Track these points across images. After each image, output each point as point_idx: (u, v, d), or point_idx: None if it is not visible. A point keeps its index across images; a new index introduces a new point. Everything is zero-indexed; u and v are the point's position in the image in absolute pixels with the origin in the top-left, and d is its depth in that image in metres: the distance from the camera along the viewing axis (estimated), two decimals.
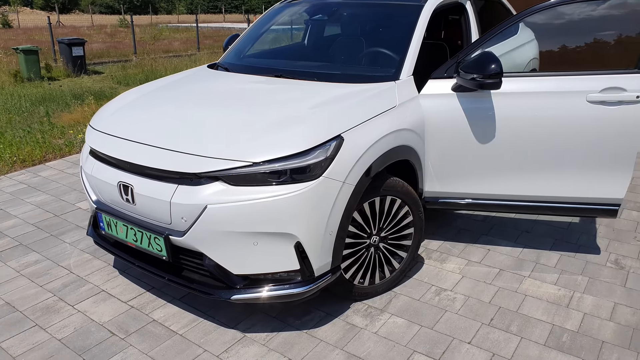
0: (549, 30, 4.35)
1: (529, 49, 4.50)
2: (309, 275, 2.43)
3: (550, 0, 2.90)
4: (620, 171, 2.87)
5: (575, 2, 2.86)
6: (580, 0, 2.86)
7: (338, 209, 2.42)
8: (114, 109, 3.01)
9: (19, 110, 7.98)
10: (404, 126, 2.78)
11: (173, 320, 2.73)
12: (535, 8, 2.93)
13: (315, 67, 3.36)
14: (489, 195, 3.12)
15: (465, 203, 3.18)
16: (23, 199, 4.35)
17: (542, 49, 4.36)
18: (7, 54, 14.58)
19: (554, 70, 2.93)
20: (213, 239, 2.34)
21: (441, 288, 2.99)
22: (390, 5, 3.52)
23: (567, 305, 2.81)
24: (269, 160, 2.28)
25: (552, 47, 4.24)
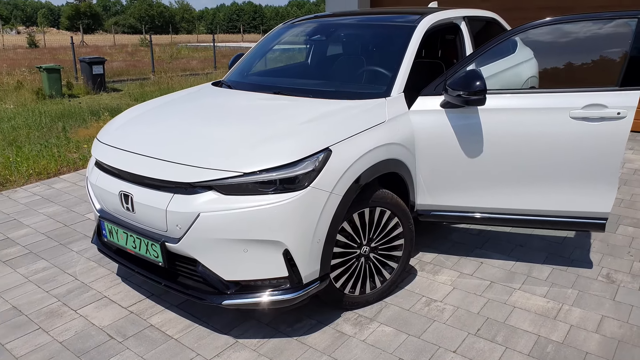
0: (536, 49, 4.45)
1: (528, 67, 4.58)
2: (297, 282, 2.53)
3: (533, 22, 3.00)
4: (605, 185, 2.93)
5: (557, 23, 2.96)
6: (562, 21, 2.96)
7: (325, 218, 2.52)
8: (119, 123, 3.17)
9: (39, 125, 8.27)
10: (393, 140, 2.89)
11: (169, 326, 2.84)
12: (517, 29, 3.04)
13: (312, 85, 3.50)
14: (478, 209, 3.19)
15: (456, 216, 3.26)
16: (36, 210, 4.54)
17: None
18: (32, 72, 15.09)
19: (540, 86, 3.02)
20: (205, 246, 2.45)
21: (431, 299, 3.06)
22: (385, 26, 3.66)
23: (555, 317, 2.86)
24: (259, 171, 2.40)
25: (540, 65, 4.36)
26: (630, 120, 2.78)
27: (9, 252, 3.73)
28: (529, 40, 3.94)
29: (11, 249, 3.79)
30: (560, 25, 3.01)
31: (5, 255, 3.69)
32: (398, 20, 3.69)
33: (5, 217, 4.38)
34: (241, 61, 4.15)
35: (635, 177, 5.23)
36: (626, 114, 2.79)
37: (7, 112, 9.69)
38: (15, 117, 9.12)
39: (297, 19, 4.34)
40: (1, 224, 4.23)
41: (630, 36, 2.80)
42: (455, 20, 3.89)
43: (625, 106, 2.79)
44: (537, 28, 3.01)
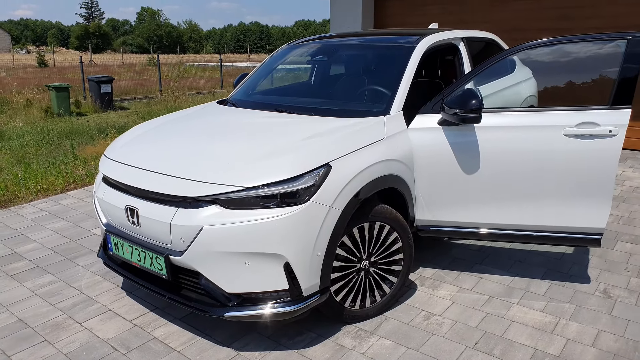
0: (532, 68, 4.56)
1: (526, 86, 4.68)
2: (297, 295, 2.59)
3: (528, 42, 3.10)
4: (599, 201, 2.98)
5: (551, 44, 3.05)
6: (556, 42, 3.05)
7: (325, 232, 2.58)
8: (125, 140, 3.27)
9: (47, 143, 8.41)
10: (392, 157, 2.97)
11: (172, 338, 2.89)
12: (512, 50, 3.14)
13: (314, 103, 3.59)
14: (475, 224, 3.25)
15: (454, 231, 3.31)
16: (43, 225, 4.62)
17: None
18: (41, 91, 15.34)
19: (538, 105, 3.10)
20: (208, 259, 2.52)
21: (430, 313, 3.10)
22: (385, 47, 3.77)
23: (552, 331, 2.89)
24: (260, 185, 2.48)
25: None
26: (622, 137, 2.85)
27: (16, 267, 3.80)
28: (525, 60, 4.04)
29: (18, 263, 3.86)
30: (553, 46, 3.10)
31: (12, 269, 3.76)
32: (398, 41, 3.79)
33: (12, 232, 4.47)
34: (246, 80, 4.26)
35: (634, 194, 5.28)
36: (617, 131, 2.86)
37: (16, 129, 9.86)
38: (24, 134, 9.28)
39: (301, 40, 4.46)
40: (9, 239, 4.32)
41: (621, 57, 2.88)
42: (453, 41, 3.99)
43: (616, 124, 2.86)
44: (533, 49, 3.10)
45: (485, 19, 8.34)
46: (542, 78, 4.29)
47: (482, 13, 8.41)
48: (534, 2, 7.90)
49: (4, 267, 3.80)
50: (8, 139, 8.83)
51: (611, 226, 4.41)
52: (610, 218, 4.62)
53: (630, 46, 2.87)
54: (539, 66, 4.13)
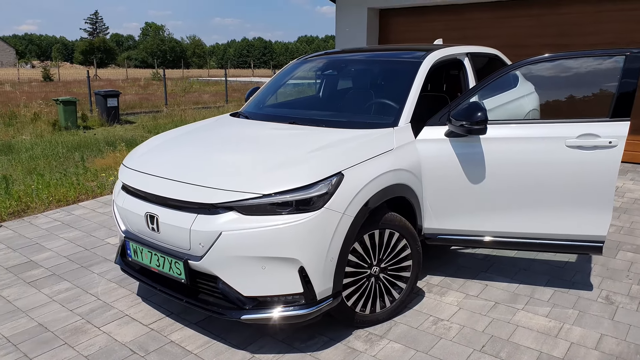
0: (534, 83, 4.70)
1: (529, 101, 4.81)
2: (311, 299, 2.69)
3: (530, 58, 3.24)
4: (600, 210, 3.10)
5: (552, 60, 3.19)
6: (558, 58, 3.19)
7: (338, 238, 2.70)
8: (144, 150, 3.40)
9: (56, 156, 8.56)
10: (400, 166, 3.09)
11: (189, 342, 2.99)
12: (514, 65, 3.28)
13: (325, 116, 3.73)
14: (481, 233, 3.36)
15: (461, 239, 3.42)
16: (57, 235, 4.74)
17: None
18: (48, 104, 15.55)
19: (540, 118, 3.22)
20: (226, 263, 2.63)
21: (438, 318, 3.20)
22: (393, 62, 3.91)
23: (556, 335, 2.99)
24: (276, 193, 2.60)
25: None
26: (621, 148, 2.97)
27: (33, 274, 3.91)
28: (527, 75, 4.18)
29: (35, 270, 3.97)
30: (555, 62, 3.24)
31: (29, 276, 3.87)
32: (405, 56, 3.94)
33: (28, 242, 4.58)
34: (257, 94, 4.40)
35: (635, 206, 5.39)
36: (617, 142, 2.98)
37: (25, 142, 10.02)
38: (33, 147, 9.43)
39: (310, 55, 4.61)
40: (24, 248, 4.43)
41: (619, 72, 3.02)
42: (458, 56, 4.13)
43: (615, 136, 2.99)
44: (535, 64, 3.24)
45: (488, 34, 8.52)
46: (545, 92, 4.43)
47: (485, 29, 8.60)
48: (535, 18, 8.09)
49: (22, 274, 3.91)
50: (17, 152, 8.98)
51: (613, 236, 4.52)
52: (612, 228, 4.72)
53: (628, 62, 3.00)
54: (541, 81, 4.27)
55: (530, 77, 4.64)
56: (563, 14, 7.81)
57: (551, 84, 3.83)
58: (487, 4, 8.52)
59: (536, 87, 4.53)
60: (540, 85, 4.42)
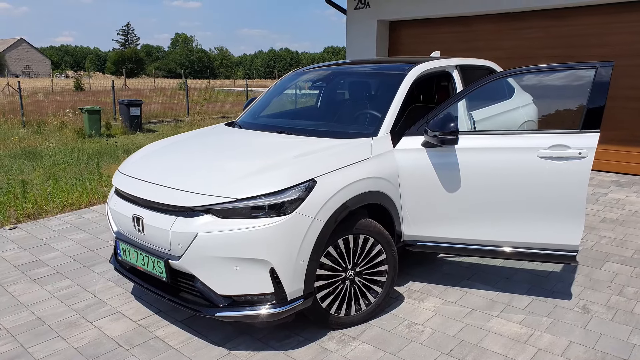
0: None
1: (524, 112, 4.89)
2: (282, 298, 2.83)
3: (506, 70, 3.34)
4: (572, 219, 3.16)
5: (527, 72, 3.29)
6: (532, 71, 3.29)
7: (309, 241, 2.84)
8: (137, 157, 3.62)
9: (77, 162, 8.92)
10: (377, 175, 3.22)
11: (172, 338, 3.16)
12: (490, 78, 3.38)
13: (310, 125, 3.89)
14: (458, 240, 3.45)
15: (439, 246, 3.52)
16: (66, 236, 5.00)
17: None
18: (75, 113, 16.12)
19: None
20: (202, 263, 2.80)
21: (413, 322, 3.30)
22: (379, 74, 4.06)
23: (525, 341, 3.05)
24: (249, 197, 2.76)
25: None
26: (591, 159, 3.04)
27: (39, 272, 4.15)
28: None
29: (41, 269, 4.21)
30: (527, 75, 3.33)
31: (35, 274, 4.11)
32: (391, 69, 4.08)
33: (38, 242, 4.85)
34: (253, 104, 4.59)
35: (633, 218, 5.37)
36: (587, 154, 3.06)
37: (50, 149, 10.45)
38: (57, 154, 9.84)
39: (306, 67, 4.78)
40: (34, 248, 4.69)
41: (589, 84, 3.09)
42: (447, 68, 4.24)
43: (585, 147, 3.06)
44: (510, 77, 3.34)
45: (497, 46, 8.58)
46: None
47: (493, 41, 8.66)
48: (543, 30, 8.11)
49: (28, 272, 4.15)
50: (41, 158, 9.39)
51: (603, 247, 4.53)
52: (604, 240, 4.73)
53: (598, 75, 3.08)
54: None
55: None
56: (571, 26, 7.82)
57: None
58: (495, 15, 8.58)
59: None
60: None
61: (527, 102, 5.01)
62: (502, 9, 8.25)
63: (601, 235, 4.86)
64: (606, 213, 5.59)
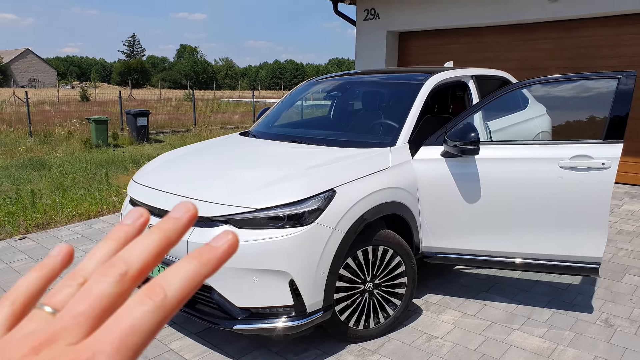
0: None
1: (539, 122, 4.84)
2: (301, 311, 2.78)
3: (526, 80, 3.30)
4: (595, 231, 3.10)
5: (550, 82, 3.25)
6: (555, 80, 3.25)
7: (329, 252, 2.79)
8: (151, 167, 3.58)
9: (84, 172, 8.90)
10: (395, 185, 3.17)
11: (187, 351, 3.10)
12: (509, 88, 3.34)
13: (327, 135, 3.85)
14: (477, 252, 3.39)
15: (458, 258, 3.46)
16: (76, 247, 4.95)
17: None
18: (81, 123, 16.16)
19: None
20: (220, 274, 2.74)
21: (432, 336, 3.23)
22: (396, 84, 4.02)
23: (549, 356, 2.98)
24: (268, 208, 2.72)
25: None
26: (615, 170, 2.99)
27: None
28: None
29: None
30: (550, 85, 3.29)
31: None
32: (407, 79, 4.05)
33: (46, 252, 4.80)
34: (267, 114, 4.57)
35: None
36: (610, 164, 3.00)
37: (57, 159, 10.45)
38: (64, 164, 9.83)
39: (320, 77, 4.76)
40: (42, 258, 4.64)
41: (612, 94, 3.05)
42: (463, 78, 4.21)
43: (609, 157, 3.01)
44: (530, 86, 3.30)
45: (507, 57, 8.56)
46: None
47: (503, 52, 8.64)
48: (554, 41, 8.09)
49: None
50: (49, 168, 9.38)
51: (622, 260, 4.46)
52: (622, 252, 4.66)
53: (621, 85, 3.04)
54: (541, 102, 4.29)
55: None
56: (581, 37, 7.80)
57: (547, 106, 3.86)
58: (505, 27, 8.57)
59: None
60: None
61: (541, 113, 4.97)
62: (512, 21, 8.24)
63: (618, 247, 4.79)
64: (622, 225, 5.52)
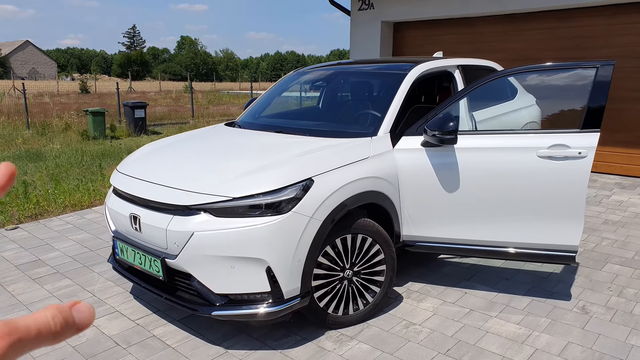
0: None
1: (527, 113, 4.86)
2: (279, 297, 2.82)
3: (506, 70, 3.32)
4: (572, 219, 3.14)
5: (529, 71, 3.27)
6: (533, 70, 3.27)
7: (306, 240, 2.83)
8: (136, 156, 3.62)
9: (80, 164, 8.96)
10: (375, 174, 3.21)
11: (169, 337, 3.16)
12: (489, 78, 3.36)
13: (310, 125, 3.89)
14: (457, 240, 3.44)
15: (438, 247, 3.50)
16: (67, 236, 5.01)
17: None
18: (79, 115, 16.19)
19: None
20: (198, 262, 2.80)
21: (411, 322, 3.28)
22: (379, 74, 4.05)
23: (523, 342, 3.03)
24: (245, 196, 2.76)
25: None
26: (591, 159, 3.02)
27: (39, 272, 4.16)
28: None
29: (41, 268, 4.22)
30: (529, 74, 3.31)
31: (35, 274, 4.12)
32: (391, 69, 4.07)
33: (39, 242, 4.86)
34: (253, 104, 4.60)
35: (635, 220, 5.33)
36: (587, 153, 3.03)
37: (54, 151, 10.50)
38: (61, 155, 9.88)
39: (307, 68, 4.78)
40: (35, 248, 4.70)
41: (590, 83, 3.07)
42: (449, 68, 4.23)
43: (585, 146, 3.04)
44: (508, 76, 3.32)
45: (500, 48, 8.56)
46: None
47: (497, 43, 8.64)
48: (548, 32, 8.08)
49: (29, 271, 4.16)
50: (45, 159, 9.43)
51: (604, 249, 4.50)
52: (606, 241, 4.70)
53: (599, 74, 3.06)
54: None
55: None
56: (576, 27, 7.79)
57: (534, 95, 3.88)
58: (500, 17, 8.56)
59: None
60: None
61: (530, 104, 4.98)
62: (506, 10, 8.23)
63: (603, 237, 4.83)
64: (609, 215, 5.55)
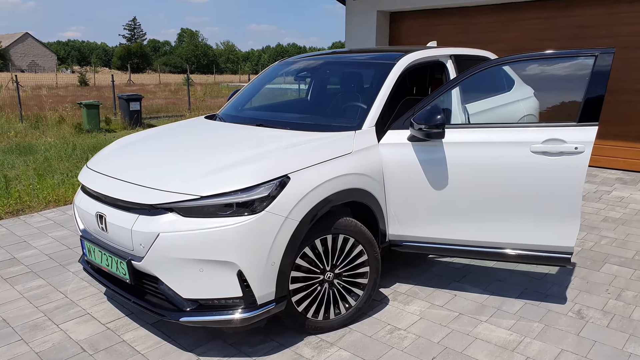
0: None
1: (524, 105, 4.65)
2: (251, 303, 2.64)
3: (499, 58, 3.11)
4: (567, 219, 2.94)
5: (524, 60, 3.06)
6: (530, 58, 3.06)
7: (280, 242, 2.64)
8: (107, 151, 3.43)
9: (70, 157, 8.77)
10: (358, 171, 3.01)
11: (140, 342, 2.98)
12: (483, 65, 3.15)
13: (292, 118, 3.69)
14: (446, 240, 3.24)
15: (426, 247, 3.31)
16: (46, 233, 4.83)
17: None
18: (74, 108, 15.99)
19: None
20: (165, 264, 2.61)
21: (395, 327, 3.10)
22: (367, 64, 3.84)
23: (514, 349, 2.84)
24: (215, 195, 2.57)
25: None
26: (588, 155, 2.82)
27: (12, 271, 3.98)
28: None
29: (15, 267, 4.05)
30: (523, 63, 3.10)
31: (7, 273, 3.94)
32: (379, 58, 3.86)
33: (16, 239, 4.68)
34: (235, 96, 4.39)
35: (636, 217, 5.13)
36: (584, 148, 2.83)
37: (46, 144, 10.31)
38: (51, 148, 9.69)
39: (293, 57, 4.57)
40: (11, 245, 4.53)
41: (588, 73, 2.86)
42: (441, 58, 4.02)
43: (582, 141, 2.84)
44: (503, 65, 3.11)
45: (498, 38, 8.33)
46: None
47: (494, 33, 8.40)
48: (546, 21, 7.85)
49: (1, 271, 3.99)
50: (35, 153, 9.25)
51: (603, 248, 4.30)
52: (605, 240, 4.50)
53: (598, 63, 2.85)
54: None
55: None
56: (575, 16, 7.55)
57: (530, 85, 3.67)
58: (497, 6, 8.32)
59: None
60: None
61: (527, 95, 4.77)
62: None
63: (601, 235, 4.63)
64: (608, 212, 5.35)
